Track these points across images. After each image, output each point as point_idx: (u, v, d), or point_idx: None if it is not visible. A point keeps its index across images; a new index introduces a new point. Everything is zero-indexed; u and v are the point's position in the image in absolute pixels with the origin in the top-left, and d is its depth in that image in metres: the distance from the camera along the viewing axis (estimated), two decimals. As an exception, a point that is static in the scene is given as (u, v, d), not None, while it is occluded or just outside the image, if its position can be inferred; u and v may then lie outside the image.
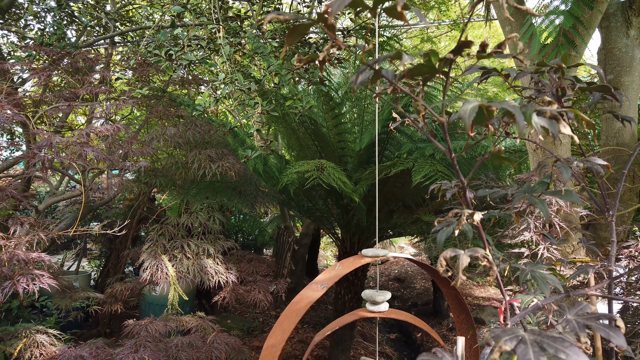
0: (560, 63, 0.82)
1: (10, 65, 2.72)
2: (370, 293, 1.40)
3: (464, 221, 0.65)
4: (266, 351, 1.23)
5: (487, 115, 0.58)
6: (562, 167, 0.72)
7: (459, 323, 1.51)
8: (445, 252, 0.61)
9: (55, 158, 2.16)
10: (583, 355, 0.43)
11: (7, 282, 1.82)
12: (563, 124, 0.55)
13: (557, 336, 0.45)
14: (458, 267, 0.56)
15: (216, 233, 2.91)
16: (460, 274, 0.56)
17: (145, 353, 1.83)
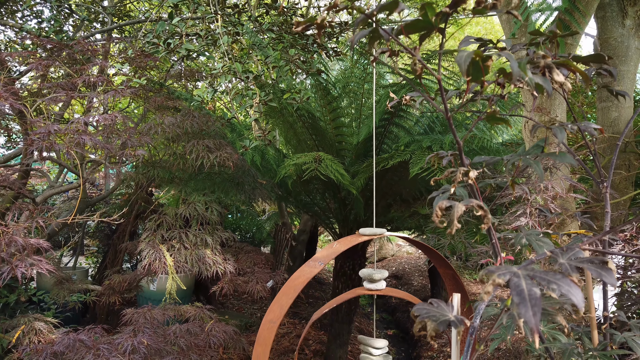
0: (555, 29, 0.83)
1: (8, 55, 2.72)
2: (368, 271, 1.41)
3: (459, 177, 0.66)
4: (264, 326, 1.24)
5: (482, 68, 0.59)
6: (557, 129, 0.74)
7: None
8: (440, 202, 0.62)
9: (53, 145, 2.16)
10: (574, 286, 0.44)
11: (5, 267, 1.82)
12: (556, 73, 0.57)
13: (549, 271, 0.46)
14: (453, 215, 0.57)
15: (214, 224, 2.92)
16: (455, 222, 0.57)
17: (143, 337, 1.83)
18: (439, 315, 0.58)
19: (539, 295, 0.43)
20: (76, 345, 1.77)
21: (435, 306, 0.60)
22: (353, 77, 4.40)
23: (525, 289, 0.43)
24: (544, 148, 0.78)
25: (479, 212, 0.59)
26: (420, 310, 0.59)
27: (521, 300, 0.43)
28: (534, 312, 0.42)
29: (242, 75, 2.31)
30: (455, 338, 0.70)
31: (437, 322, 0.57)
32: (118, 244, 4.99)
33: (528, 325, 0.41)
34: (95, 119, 2.36)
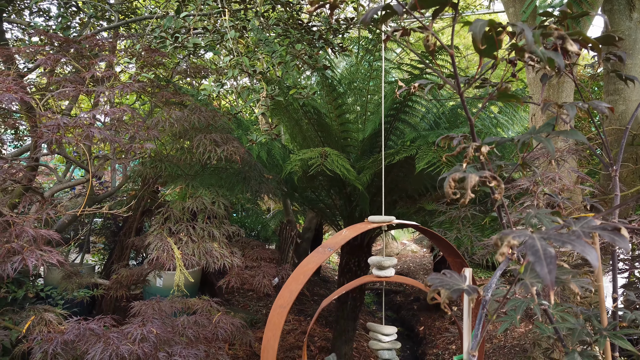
0: (565, 8, 0.84)
1: (18, 52, 2.75)
2: (377, 258, 1.42)
3: (471, 152, 0.67)
4: (275, 311, 1.25)
5: (495, 41, 0.60)
6: (568, 106, 0.74)
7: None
8: (454, 174, 0.63)
9: (62, 138, 2.18)
10: (589, 245, 0.45)
11: (16, 257, 1.84)
12: (569, 43, 0.57)
13: (563, 233, 0.47)
14: (467, 184, 0.58)
15: (221, 218, 2.93)
16: (468, 191, 0.58)
17: (153, 327, 1.85)
18: (452, 284, 0.59)
19: (554, 254, 0.44)
20: (86, 334, 1.78)
21: (448, 276, 0.61)
22: (358, 74, 4.41)
23: (540, 249, 0.44)
24: (554, 126, 0.78)
25: (492, 183, 0.60)
26: (433, 280, 0.60)
27: (537, 259, 0.43)
28: (549, 270, 0.42)
29: (249, 69, 2.33)
30: (467, 311, 0.71)
31: (450, 289, 0.57)
32: (124, 240, 5.02)
33: (544, 282, 0.42)
34: (105, 112, 2.38)
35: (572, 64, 1.04)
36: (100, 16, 4.25)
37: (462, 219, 2.78)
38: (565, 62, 0.98)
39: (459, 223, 2.90)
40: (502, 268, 0.70)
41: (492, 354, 4.76)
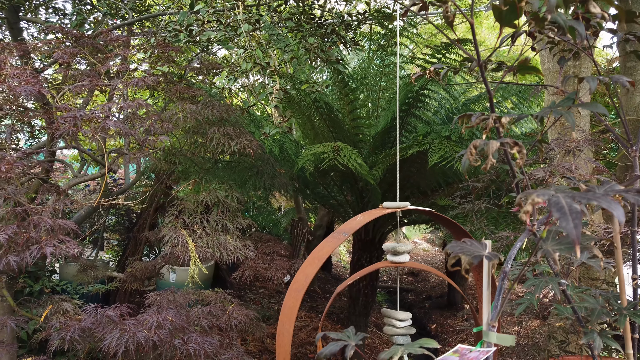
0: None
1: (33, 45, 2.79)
2: (392, 244, 1.42)
3: (491, 123, 0.66)
4: (290, 295, 1.26)
5: (517, 7, 0.60)
6: (589, 79, 0.74)
7: (479, 280, 1.52)
8: (475, 141, 0.63)
9: (79, 130, 2.21)
10: (614, 201, 0.44)
11: (34, 246, 1.87)
12: (592, 5, 0.57)
13: (588, 192, 0.47)
14: (488, 150, 0.58)
15: (234, 211, 2.95)
16: (490, 157, 0.58)
17: (168, 315, 1.87)
18: (473, 251, 0.58)
19: (579, 210, 0.43)
20: (103, 321, 1.81)
21: (468, 244, 0.61)
22: (370, 70, 4.41)
23: (565, 205, 0.44)
24: (575, 100, 0.78)
25: (514, 149, 0.60)
26: (454, 247, 0.60)
27: (562, 215, 0.43)
28: (575, 225, 0.42)
29: (263, 61, 2.34)
30: (487, 283, 0.71)
31: (471, 256, 0.57)
32: (138, 236, 5.07)
33: (570, 237, 0.42)
34: (120, 105, 2.40)
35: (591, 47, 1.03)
36: (115, 14, 4.30)
37: (475, 212, 2.77)
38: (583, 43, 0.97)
39: (472, 217, 2.88)
40: (522, 239, 0.70)
41: (504, 351, 4.73)
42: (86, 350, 1.91)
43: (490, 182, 2.82)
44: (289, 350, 1.18)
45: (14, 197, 2.03)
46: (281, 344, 1.21)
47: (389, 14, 3.75)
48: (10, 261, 1.79)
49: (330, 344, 0.74)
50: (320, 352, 0.72)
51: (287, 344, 1.19)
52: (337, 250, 10.64)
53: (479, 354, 0.65)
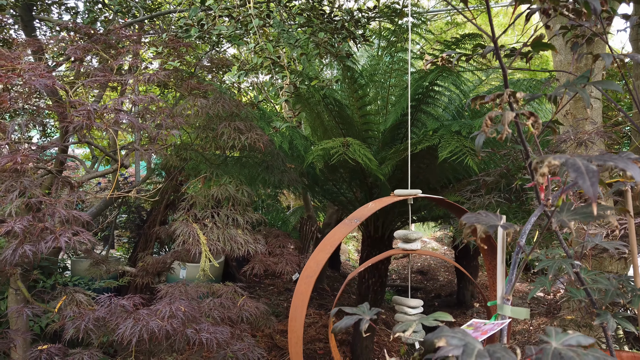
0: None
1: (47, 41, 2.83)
2: (404, 232, 1.42)
3: (506, 98, 0.67)
4: (302, 281, 1.27)
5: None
6: (604, 55, 0.74)
7: (490, 269, 1.52)
8: (490, 113, 0.63)
9: (92, 124, 2.24)
10: (631, 163, 0.45)
11: (49, 236, 1.90)
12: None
13: (604, 155, 0.47)
14: (504, 120, 0.59)
15: (244, 205, 2.97)
16: (505, 127, 0.58)
17: (181, 305, 1.89)
18: (488, 220, 0.59)
19: (596, 169, 0.44)
20: (117, 311, 1.83)
21: (484, 215, 0.61)
22: (379, 66, 4.41)
23: (581, 165, 0.45)
24: (589, 78, 0.78)
25: (529, 120, 0.60)
26: (469, 218, 0.61)
27: (579, 174, 0.44)
28: (592, 183, 0.43)
29: (273, 55, 2.35)
30: (501, 257, 0.71)
31: (486, 225, 0.58)
32: (149, 232, 5.11)
33: (587, 193, 0.43)
34: (132, 100, 2.43)
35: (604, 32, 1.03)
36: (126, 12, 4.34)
37: (486, 206, 2.76)
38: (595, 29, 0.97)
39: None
40: (537, 214, 0.70)
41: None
42: (100, 340, 1.93)
43: (500, 177, 2.81)
44: (302, 335, 1.19)
45: (29, 189, 2.06)
46: (293, 329, 1.22)
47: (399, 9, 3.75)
48: (26, 250, 1.81)
49: (345, 317, 0.75)
50: (335, 325, 0.72)
51: (299, 329, 1.20)
52: (346, 249, 10.63)
53: (493, 326, 0.66)
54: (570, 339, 0.50)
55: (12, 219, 1.91)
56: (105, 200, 4.54)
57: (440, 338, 0.47)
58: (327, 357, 4.89)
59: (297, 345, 1.20)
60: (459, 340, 0.46)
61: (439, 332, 0.48)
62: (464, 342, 0.46)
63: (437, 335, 0.48)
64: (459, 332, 0.48)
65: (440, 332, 0.48)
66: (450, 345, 0.46)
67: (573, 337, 0.50)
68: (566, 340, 0.50)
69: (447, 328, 0.49)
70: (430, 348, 0.47)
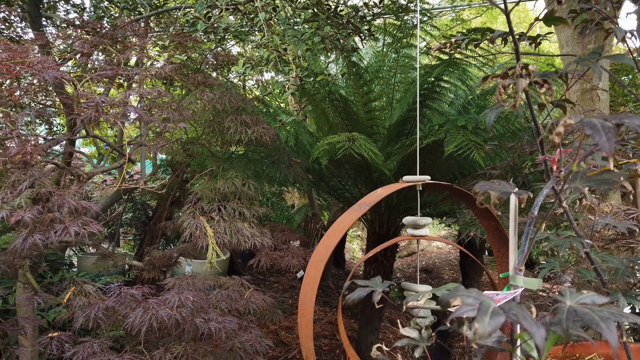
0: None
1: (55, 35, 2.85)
2: (413, 218, 1.43)
3: (518, 71, 0.67)
4: (312, 266, 1.27)
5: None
6: (616, 29, 0.74)
7: (499, 257, 1.53)
8: (504, 81, 0.64)
9: (100, 116, 2.25)
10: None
11: (59, 226, 1.91)
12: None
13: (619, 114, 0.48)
14: (518, 87, 0.59)
15: (251, 199, 2.98)
16: (519, 93, 0.59)
17: (189, 295, 1.90)
18: (501, 187, 0.60)
19: (611, 126, 0.44)
20: (127, 300, 1.84)
21: (497, 184, 0.62)
22: (385, 62, 4.41)
23: (597, 123, 0.45)
24: (600, 54, 0.78)
25: (543, 87, 0.61)
26: (482, 186, 0.61)
27: (595, 131, 0.44)
28: (607, 138, 0.43)
29: (280, 47, 2.36)
30: (513, 229, 0.72)
31: (500, 191, 0.58)
32: (155, 228, 5.13)
33: (603, 150, 0.43)
34: (140, 92, 2.44)
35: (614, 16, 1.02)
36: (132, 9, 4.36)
37: (492, 199, 2.76)
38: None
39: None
40: (549, 186, 0.71)
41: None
42: (108, 332, 1.95)
43: (506, 171, 2.81)
44: (312, 319, 1.20)
45: (38, 181, 2.08)
46: (303, 312, 1.22)
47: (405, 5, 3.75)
48: (36, 239, 1.83)
49: (357, 289, 0.76)
50: (348, 296, 0.73)
51: (309, 313, 1.21)
52: (350, 247, 10.63)
53: (505, 296, 0.66)
54: (584, 298, 0.50)
55: (22, 209, 1.93)
56: (112, 197, 4.56)
57: (455, 297, 0.48)
58: (332, 354, 4.90)
59: (308, 328, 1.21)
60: (474, 299, 0.47)
61: (454, 292, 0.48)
62: (479, 300, 0.47)
63: (452, 295, 0.48)
64: (474, 291, 0.48)
65: (456, 292, 0.48)
66: (466, 304, 0.46)
67: (587, 296, 0.51)
68: (581, 299, 0.50)
69: (462, 288, 0.49)
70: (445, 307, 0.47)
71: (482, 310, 0.45)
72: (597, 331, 1.56)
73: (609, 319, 0.46)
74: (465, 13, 7.65)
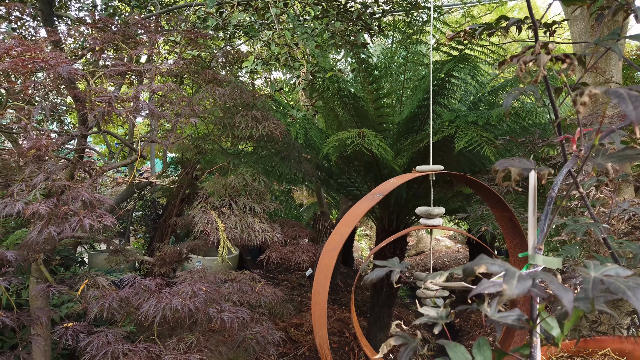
0: None
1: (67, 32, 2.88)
2: (425, 208, 1.43)
3: (538, 49, 0.67)
4: (325, 254, 1.28)
5: None
6: (637, 8, 0.74)
7: (512, 248, 1.52)
8: (524, 57, 0.64)
9: (113, 110, 2.27)
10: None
11: (74, 218, 1.93)
12: None
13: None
14: (539, 62, 0.59)
15: (261, 194, 2.99)
16: (541, 68, 0.59)
17: (202, 286, 1.91)
18: (521, 164, 0.60)
19: (637, 95, 0.44)
20: (140, 290, 1.86)
21: (516, 161, 0.62)
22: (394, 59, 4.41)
23: (624, 92, 0.45)
24: (620, 34, 0.78)
25: (565, 62, 0.61)
26: (501, 164, 0.61)
27: (621, 100, 0.44)
28: (634, 107, 0.43)
29: (291, 41, 2.37)
30: (532, 209, 0.71)
31: (520, 167, 0.58)
32: (164, 227, 5.17)
33: (629, 117, 0.43)
34: (152, 87, 2.46)
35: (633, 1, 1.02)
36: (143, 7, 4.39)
37: (504, 194, 2.75)
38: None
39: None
40: (569, 165, 0.71)
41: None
42: (123, 320, 1.97)
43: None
44: (326, 307, 1.21)
45: (53, 174, 2.10)
46: (317, 301, 1.23)
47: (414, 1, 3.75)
48: (51, 231, 1.85)
49: (375, 269, 0.76)
50: (366, 276, 0.73)
51: (323, 301, 1.21)
52: (359, 246, 10.62)
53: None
54: (609, 270, 0.50)
55: (37, 201, 1.95)
56: (124, 193, 4.60)
57: (480, 265, 0.48)
58: (341, 351, 4.90)
59: (321, 316, 1.21)
60: (499, 267, 0.47)
61: (479, 260, 0.49)
62: (504, 268, 0.47)
63: (477, 263, 0.49)
64: (498, 260, 0.49)
65: (480, 260, 0.49)
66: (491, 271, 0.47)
67: (612, 268, 0.51)
68: (605, 271, 0.50)
69: (487, 256, 0.50)
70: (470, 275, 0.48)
71: (508, 275, 0.45)
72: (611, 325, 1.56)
73: (635, 288, 0.46)
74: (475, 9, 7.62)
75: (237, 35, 3.53)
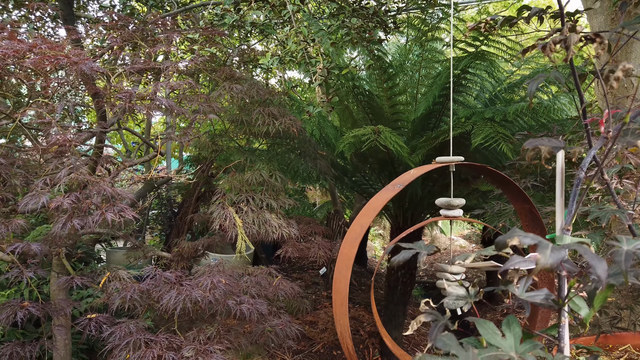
0: None
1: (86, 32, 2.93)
2: (445, 199, 1.43)
3: (566, 31, 0.67)
4: (346, 244, 1.29)
5: None
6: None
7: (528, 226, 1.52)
8: (554, 37, 0.64)
9: (134, 107, 2.31)
10: None
11: (96, 212, 1.97)
12: None
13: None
14: (569, 42, 0.59)
15: (277, 190, 3.01)
16: (571, 47, 0.59)
17: (221, 278, 1.93)
18: (551, 143, 0.60)
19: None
20: (161, 283, 1.89)
21: (546, 140, 0.63)
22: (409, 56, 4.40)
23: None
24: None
25: (595, 41, 0.61)
26: (531, 143, 0.62)
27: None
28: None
29: (308, 37, 2.39)
30: (560, 190, 0.72)
31: (550, 146, 0.59)
32: (181, 224, 5.22)
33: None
34: (171, 84, 2.50)
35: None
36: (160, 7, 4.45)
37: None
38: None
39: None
40: (597, 147, 0.71)
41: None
42: (144, 312, 2.00)
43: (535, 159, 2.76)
44: (347, 296, 1.22)
45: (76, 169, 2.14)
46: (338, 290, 1.24)
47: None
48: (75, 224, 1.89)
49: (402, 251, 0.77)
50: (393, 258, 0.75)
51: (344, 290, 1.22)
52: (372, 246, 10.61)
53: (554, 255, 0.67)
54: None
55: (61, 195, 1.99)
56: (142, 189, 4.66)
57: (513, 237, 0.49)
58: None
59: (343, 305, 1.22)
60: (532, 239, 0.48)
61: (512, 233, 0.49)
62: (537, 240, 0.48)
63: (510, 236, 0.49)
64: (531, 234, 0.49)
65: (514, 232, 0.49)
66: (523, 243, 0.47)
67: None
68: (638, 244, 0.51)
69: (519, 230, 0.50)
70: (502, 248, 0.48)
71: (542, 245, 0.46)
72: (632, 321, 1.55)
73: (668, 259, 0.46)
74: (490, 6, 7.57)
75: (252, 34, 3.56)
